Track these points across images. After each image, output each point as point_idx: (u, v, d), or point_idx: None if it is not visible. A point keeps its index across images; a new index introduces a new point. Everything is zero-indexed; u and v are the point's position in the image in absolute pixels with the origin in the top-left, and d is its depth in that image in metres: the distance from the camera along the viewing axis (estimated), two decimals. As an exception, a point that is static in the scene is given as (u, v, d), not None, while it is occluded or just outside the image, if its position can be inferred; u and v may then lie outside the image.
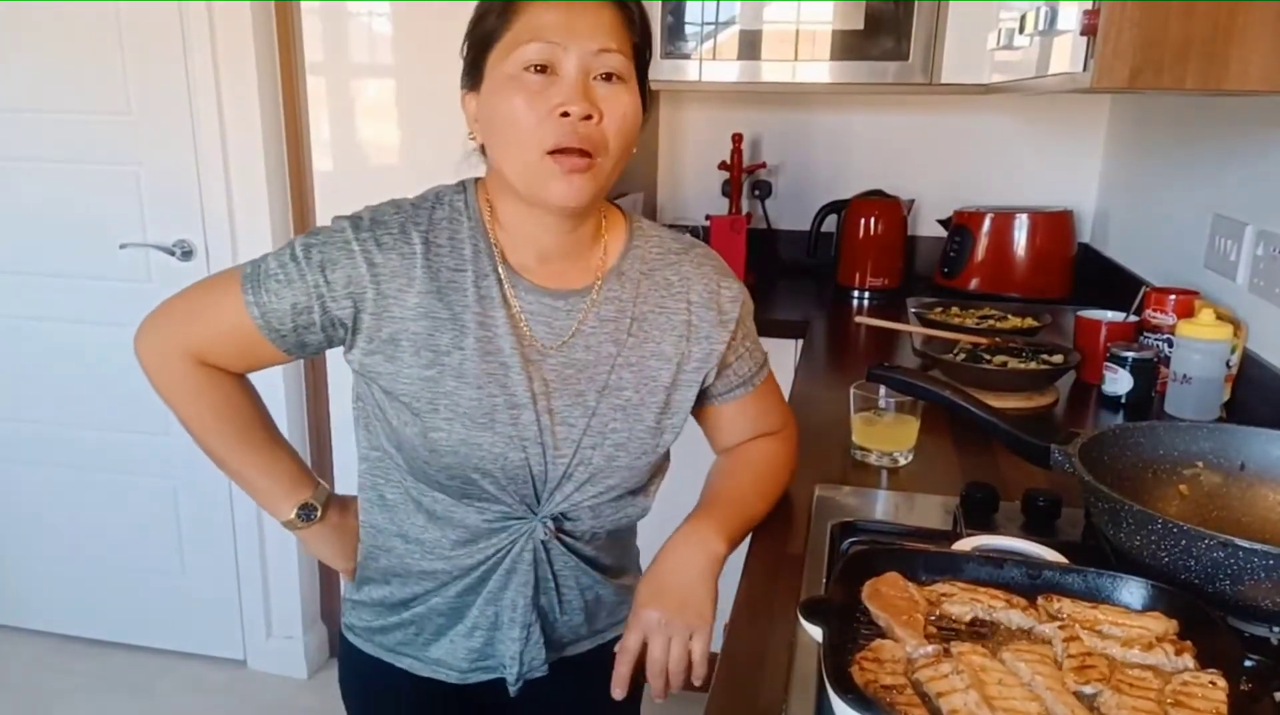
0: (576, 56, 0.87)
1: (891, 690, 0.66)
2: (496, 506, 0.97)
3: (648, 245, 1.02)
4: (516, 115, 0.87)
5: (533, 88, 0.87)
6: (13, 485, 2.53)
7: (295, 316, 0.93)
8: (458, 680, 1.07)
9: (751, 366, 1.08)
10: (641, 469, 1.01)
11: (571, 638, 1.10)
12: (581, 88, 0.87)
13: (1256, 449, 0.98)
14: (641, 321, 0.99)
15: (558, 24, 0.86)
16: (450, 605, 1.04)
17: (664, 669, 0.93)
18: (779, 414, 1.14)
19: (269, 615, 2.49)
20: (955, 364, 1.52)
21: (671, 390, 1.00)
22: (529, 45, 0.86)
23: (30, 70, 2.19)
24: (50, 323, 2.36)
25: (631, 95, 0.91)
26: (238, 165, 2.17)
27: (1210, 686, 0.67)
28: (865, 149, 2.56)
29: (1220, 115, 1.69)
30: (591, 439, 0.96)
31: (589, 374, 0.97)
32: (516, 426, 0.93)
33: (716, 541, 0.97)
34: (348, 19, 2.04)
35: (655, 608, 0.94)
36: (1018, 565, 0.82)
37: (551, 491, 0.98)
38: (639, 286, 1.00)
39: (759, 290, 2.37)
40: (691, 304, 1.01)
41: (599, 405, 0.97)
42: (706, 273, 1.03)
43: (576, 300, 0.97)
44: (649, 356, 0.99)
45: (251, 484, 1.08)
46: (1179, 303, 1.54)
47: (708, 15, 2.16)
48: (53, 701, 2.39)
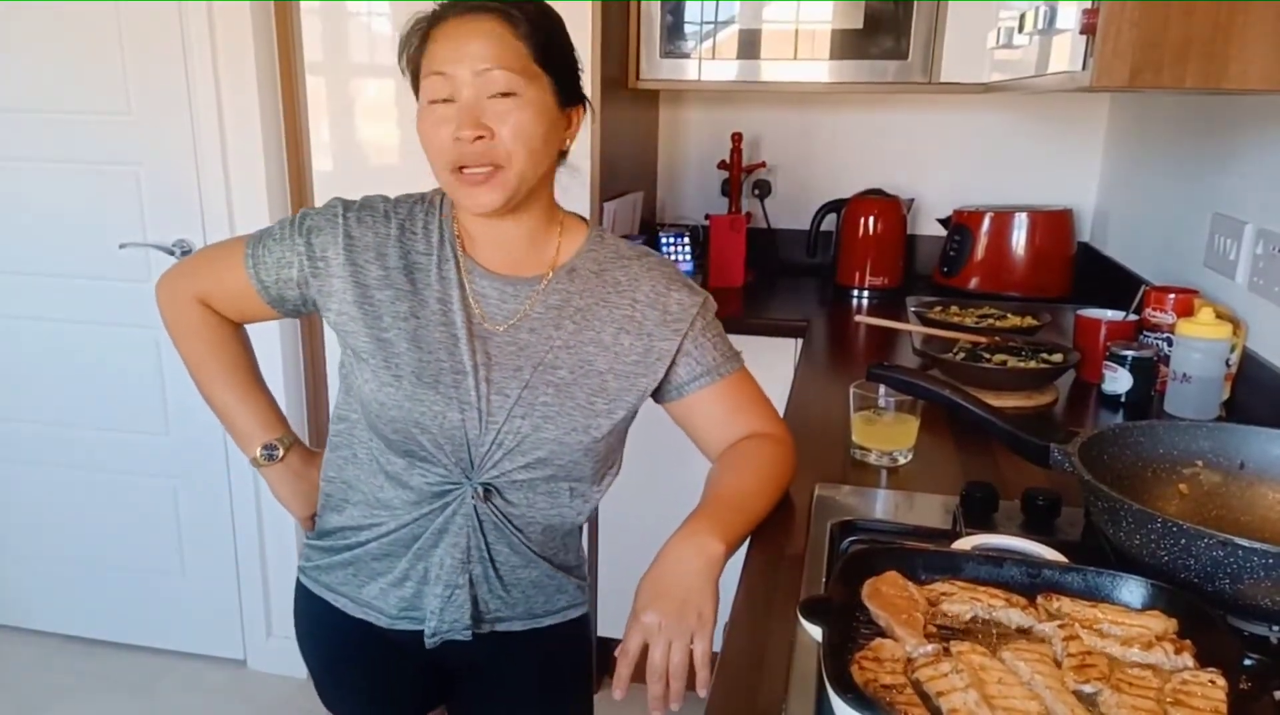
0: (468, 83, 0.97)
1: (891, 689, 0.66)
2: (436, 469, 1.06)
3: (603, 249, 1.11)
4: (428, 141, 1.00)
5: (437, 116, 0.98)
6: (13, 485, 2.53)
7: (278, 270, 1.08)
8: (386, 625, 1.15)
9: (716, 355, 1.10)
10: (571, 447, 1.04)
11: (504, 614, 1.16)
12: (471, 113, 0.97)
13: (1256, 448, 0.98)
14: (585, 312, 1.08)
15: (448, 54, 0.97)
16: (384, 550, 1.13)
17: (664, 674, 0.92)
18: (766, 415, 1.13)
19: (269, 615, 2.49)
20: (955, 363, 1.53)
21: (607, 376, 1.06)
22: (431, 78, 0.99)
23: (30, 70, 2.19)
24: (50, 323, 2.36)
25: (527, 107, 0.98)
26: (237, 165, 2.17)
27: (1210, 685, 0.67)
28: (864, 148, 2.56)
29: (1220, 115, 1.70)
30: (522, 408, 1.04)
31: (528, 353, 1.06)
32: (458, 390, 1.03)
33: (715, 542, 0.96)
34: (348, 19, 2.04)
35: (655, 610, 0.92)
36: (1017, 564, 0.82)
37: (483, 457, 1.05)
38: (588, 282, 1.09)
39: (759, 290, 2.37)
40: (636, 302, 1.08)
41: (532, 379, 1.05)
42: (655, 277, 1.09)
43: (526, 288, 1.08)
44: (587, 343, 1.07)
45: (230, 419, 1.21)
46: (1179, 302, 1.55)
47: (707, 15, 2.16)
48: (52, 701, 2.39)
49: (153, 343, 2.31)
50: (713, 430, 1.11)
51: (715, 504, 1.02)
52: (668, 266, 1.12)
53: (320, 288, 1.06)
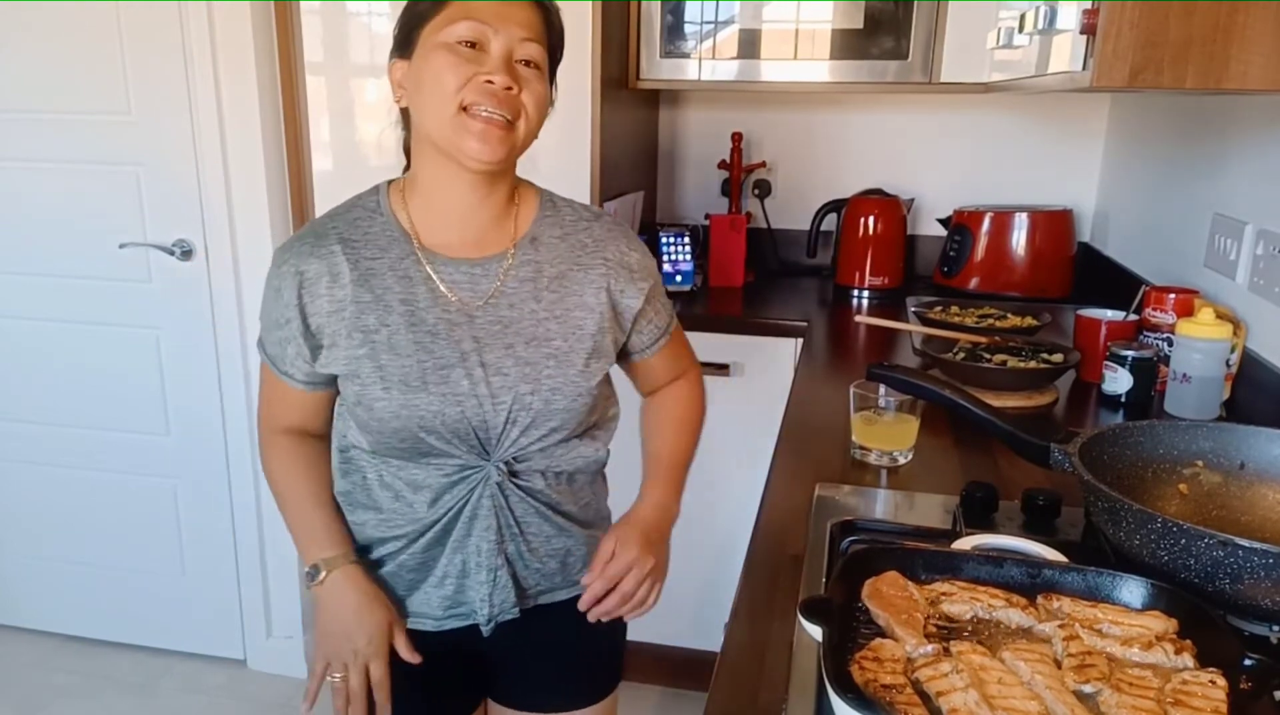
0: (503, 39, 0.99)
1: (891, 690, 0.66)
2: (450, 460, 1.07)
3: (560, 214, 1.13)
4: (443, 75, 0.98)
5: (462, 55, 0.98)
6: (13, 485, 2.53)
7: (283, 346, 1.07)
8: (434, 628, 1.16)
9: (666, 318, 1.21)
10: (579, 411, 1.10)
11: (545, 586, 1.17)
12: (506, 64, 0.99)
13: (1256, 448, 0.98)
14: (561, 278, 1.09)
15: (488, 10, 0.99)
16: (419, 561, 1.13)
17: (627, 599, 1.12)
18: (688, 356, 1.29)
19: (269, 615, 2.49)
20: (955, 363, 1.53)
21: (597, 336, 1.10)
22: (462, 22, 0.98)
23: (30, 70, 2.19)
24: (50, 323, 2.36)
25: (545, 84, 1.04)
26: (237, 165, 2.17)
27: (1210, 685, 0.67)
28: (864, 148, 2.56)
29: (1220, 115, 1.70)
30: (528, 386, 1.06)
31: (515, 329, 1.07)
32: (448, 385, 1.04)
33: (674, 505, 1.21)
34: (348, 19, 2.04)
35: (644, 552, 1.12)
36: (1017, 564, 0.82)
37: (499, 438, 1.07)
38: (555, 250, 1.10)
39: (759, 290, 2.37)
40: (608, 261, 1.12)
41: (531, 355, 1.06)
42: (617, 237, 1.14)
43: (493, 265, 1.08)
44: (573, 308, 1.09)
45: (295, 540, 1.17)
46: (1179, 302, 1.55)
47: (707, 14, 2.16)
48: (52, 701, 2.39)
49: (153, 343, 2.31)
50: (655, 379, 1.25)
51: (664, 468, 1.22)
52: (621, 225, 1.17)
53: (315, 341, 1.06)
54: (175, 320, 2.27)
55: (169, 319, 2.28)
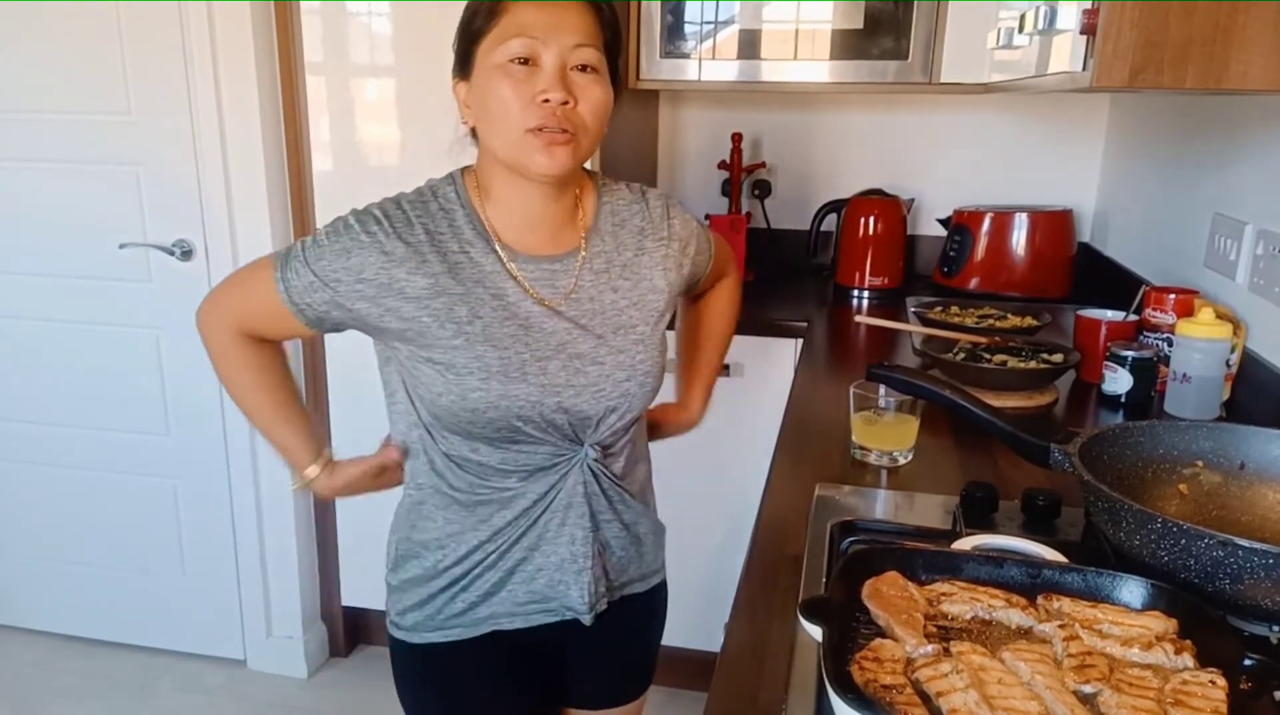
0: (555, 51, 0.99)
1: (891, 690, 0.66)
2: (543, 447, 1.08)
3: (615, 200, 1.16)
4: (505, 100, 0.99)
5: (517, 77, 0.99)
6: (13, 485, 2.53)
7: (312, 293, 1.04)
8: (521, 625, 1.16)
9: (707, 244, 1.27)
10: (658, 388, 1.16)
11: (626, 578, 1.20)
12: (559, 77, 0.99)
13: (1256, 448, 0.98)
14: (630, 266, 1.13)
15: (538, 22, 0.99)
16: (516, 559, 1.13)
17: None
18: (726, 259, 1.35)
19: (269, 615, 2.49)
20: (955, 363, 1.53)
21: (666, 313, 1.16)
22: (514, 40, 0.98)
23: (30, 70, 2.19)
24: (50, 323, 2.36)
25: (604, 85, 1.03)
26: (237, 165, 2.17)
27: (1210, 685, 0.67)
28: (865, 148, 2.56)
29: (1220, 115, 1.69)
30: (624, 372, 1.09)
31: (600, 320, 1.09)
32: (545, 376, 1.05)
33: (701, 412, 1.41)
34: (348, 19, 2.04)
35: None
36: (1017, 564, 0.82)
37: (596, 424, 1.09)
38: (616, 237, 1.13)
39: (759, 290, 2.37)
40: (662, 240, 1.16)
41: (621, 342, 1.10)
42: (661, 208, 1.18)
43: (569, 260, 1.09)
44: (646, 293, 1.13)
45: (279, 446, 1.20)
46: (1179, 302, 1.55)
47: (707, 15, 2.16)
48: (52, 701, 2.39)
49: (153, 342, 2.31)
50: (701, 287, 1.33)
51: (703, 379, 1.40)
52: (660, 196, 1.19)
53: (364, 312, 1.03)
54: (175, 320, 2.27)
55: (169, 319, 2.28)
